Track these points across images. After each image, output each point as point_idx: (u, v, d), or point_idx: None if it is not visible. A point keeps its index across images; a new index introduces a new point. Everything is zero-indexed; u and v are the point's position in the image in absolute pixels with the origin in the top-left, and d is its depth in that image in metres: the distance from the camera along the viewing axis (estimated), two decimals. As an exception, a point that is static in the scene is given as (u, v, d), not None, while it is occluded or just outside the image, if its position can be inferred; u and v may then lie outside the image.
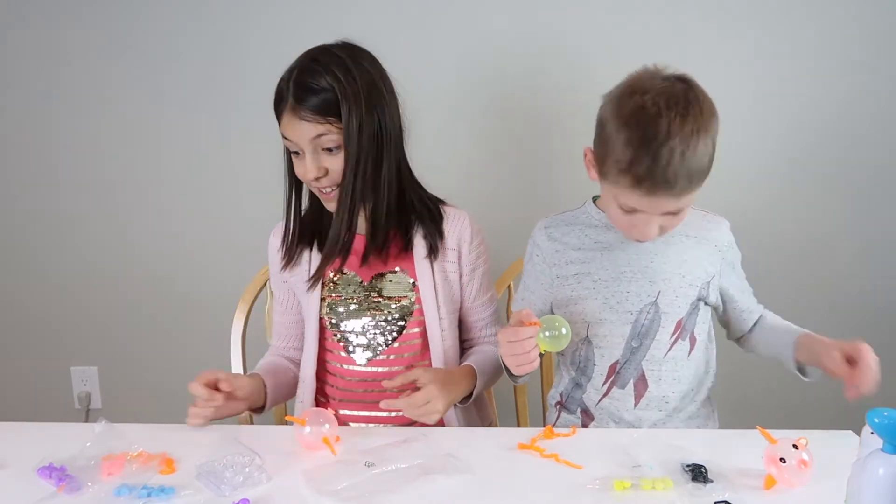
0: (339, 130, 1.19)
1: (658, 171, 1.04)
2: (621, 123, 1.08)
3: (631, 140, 1.06)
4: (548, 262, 1.27)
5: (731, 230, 1.28)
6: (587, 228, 1.26)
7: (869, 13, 1.75)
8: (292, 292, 1.38)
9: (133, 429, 1.12)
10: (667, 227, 1.15)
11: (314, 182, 1.23)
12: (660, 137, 1.04)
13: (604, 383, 1.24)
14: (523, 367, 1.11)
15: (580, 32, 1.77)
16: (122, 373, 2.07)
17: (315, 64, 1.20)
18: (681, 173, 1.05)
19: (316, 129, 1.19)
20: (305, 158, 1.21)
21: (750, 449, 1.02)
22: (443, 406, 1.16)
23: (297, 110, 1.18)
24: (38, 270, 2.01)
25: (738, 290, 1.28)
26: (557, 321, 1.10)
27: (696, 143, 1.05)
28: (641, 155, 1.05)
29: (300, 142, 1.20)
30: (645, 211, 1.10)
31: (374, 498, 0.96)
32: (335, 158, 1.21)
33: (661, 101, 1.06)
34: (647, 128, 1.05)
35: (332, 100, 1.18)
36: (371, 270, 1.31)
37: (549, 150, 1.85)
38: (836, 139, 1.83)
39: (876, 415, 0.75)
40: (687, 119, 1.05)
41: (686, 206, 1.12)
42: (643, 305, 1.20)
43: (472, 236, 1.34)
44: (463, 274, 1.34)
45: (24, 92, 1.91)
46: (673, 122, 1.05)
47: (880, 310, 1.91)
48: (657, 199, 1.08)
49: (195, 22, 1.84)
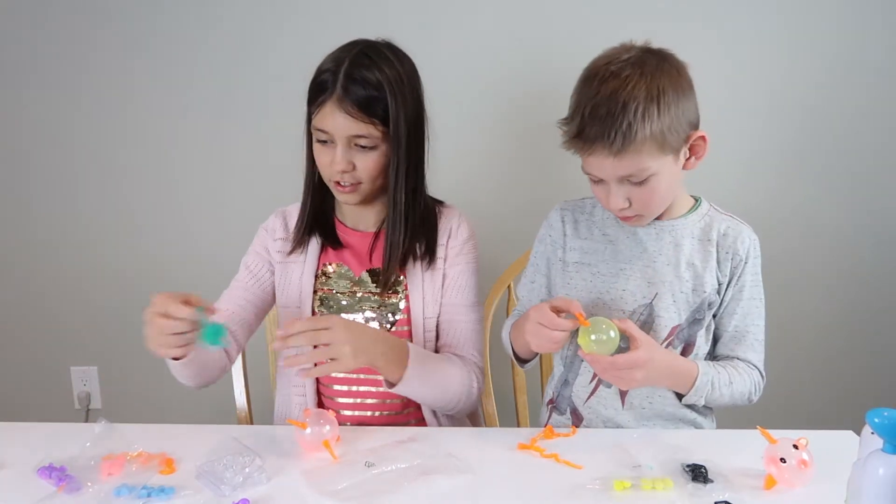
0: (380, 132, 1.18)
1: (595, 122, 1.05)
2: (575, 89, 1.12)
3: (575, 100, 1.10)
4: (557, 244, 1.27)
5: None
6: (598, 219, 1.25)
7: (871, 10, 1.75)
8: (268, 266, 1.34)
9: (133, 429, 1.12)
10: (638, 201, 1.11)
11: (338, 174, 1.21)
12: (602, 91, 1.06)
13: (591, 380, 1.23)
14: (544, 347, 1.12)
15: (585, 33, 1.77)
16: (122, 373, 2.07)
17: (366, 58, 1.17)
18: (616, 129, 1.04)
19: (358, 127, 1.17)
20: (336, 149, 1.19)
21: (750, 449, 1.02)
22: (345, 337, 1.06)
23: (344, 103, 1.15)
24: (38, 270, 2.01)
25: (730, 312, 1.20)
26: (605, 323, 1.07)
27: (645, 106, 1.05)
28: (580, 109, 1.08)
29: (336, 134, 1.18)
30: (597, 175, 1.11)
31: (374, 498, 0.96)
32: (366, 156, 1.20)
33: (616, 67, 1.08)
34: (591, 85, 1.08)
35: (380, 99, 1.17)
36: (362, 266, 1.31)
37: (551, 150, 1.85)
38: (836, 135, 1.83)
39: (876, 415, 0.75)
40: (638, 83, 1.06)
41: (644, 173, 1.08)
42: (637, 306, 1.19)
43: (458, 232, 1.32)
44: (448, 259, 1.31)
45: (27, 91, 1.91)
46: (622, 82, 1.06)
47: (881, 309, 1.91)
48: (599, 159, 1.08)
49: (209, 22, 1.84)
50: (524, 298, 1.33)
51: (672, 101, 1.07)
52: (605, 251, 1.22)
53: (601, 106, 1.05)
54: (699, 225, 1.21)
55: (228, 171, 1.92)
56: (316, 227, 1.32)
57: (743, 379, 1.18)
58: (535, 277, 1.31)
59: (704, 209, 1.23)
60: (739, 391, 1.17)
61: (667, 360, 1.14)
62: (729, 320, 1.21)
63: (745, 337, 1.21)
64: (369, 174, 1.21)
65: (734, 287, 1.20)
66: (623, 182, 1.10)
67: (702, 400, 1.16)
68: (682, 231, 1.20)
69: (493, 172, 1.88)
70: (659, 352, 1.12)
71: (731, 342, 1.21)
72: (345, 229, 1.34)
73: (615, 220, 1.23)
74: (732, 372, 1.17)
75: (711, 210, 1.24)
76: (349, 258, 1.32)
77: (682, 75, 1.11)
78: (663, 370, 1.13)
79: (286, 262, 1.33)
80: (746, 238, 1.20)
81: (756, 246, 1.22)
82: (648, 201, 1.13)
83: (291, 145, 1.28)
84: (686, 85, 1.11)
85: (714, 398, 1.16)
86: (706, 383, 1.14)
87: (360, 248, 1.32)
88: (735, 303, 1.20)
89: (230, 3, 1.82)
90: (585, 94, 1.09)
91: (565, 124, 1.11)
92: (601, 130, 1.05)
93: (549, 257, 1.29)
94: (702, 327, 1.20)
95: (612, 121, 1.04)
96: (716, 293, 1.19)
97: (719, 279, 1.20)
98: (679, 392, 1.18)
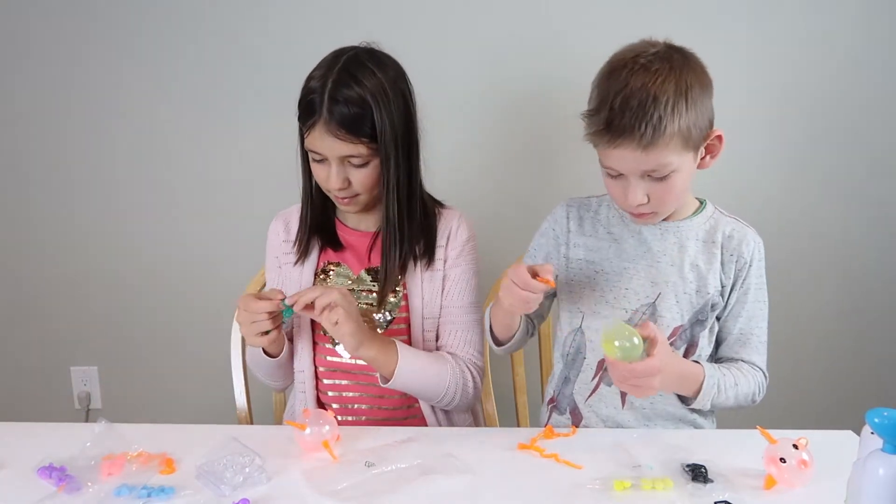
0: (370, 149, 1.19)
1: (625, 114, 1.04)
2: (598, 81, 1.10)
3: (600, 91, 1.08)
4: (560, 240, 1.26)
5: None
6: (603, 218, 1.25)
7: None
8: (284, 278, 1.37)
9: (133, 429, 1.12)
10: (656, 197, 1.11)
11: (335, 190, 1.23)
12: (632, 83, 1.05)
13: (592, 378, 1.23)
14: (515, 307, 1.09)
15: (588, 34, 1.77)
16: (122, 373, 2.07)
17: (347, 75, 1.17)
18: (647, 122, 1.03)
19: (348, 149, 1.18)
20: (330, 169, 1.21)
21: (750, 449, 1.02)
22: (347, 304, 1.15)
23: (331, 127, 1.16)
24: (38, 271, 2.01)
25: (734, 315, 1.21)
26: (628, 330, 1.01)
27: (675, 100, 1.05)
28: (608, 101, 1.06)
29: (328, 154, 1.20)
30: (618, 169, 1.09)
31: (374, 498, 0.96)
32: (360, 172, 1.21)
33: (644, 60, 1.07)
34: (619, 77, 1.06)
35: (365, 116, 1.17)
36: (361, 264, 1.32)
37: (551, 150, 1.85)
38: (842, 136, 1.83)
39: (876, 415, 0.75)
40: (668, 77, 1.05)
41: (666, 168, 1.08)
42: (640, 305, 1.19)
43: (458, 233, 1.33)
44: (448, 260, 1.32)
45: (27, 92, 1.91)
46: (652, 75, 1.05)
47: (881, 310, 1.91)
48: (625, 152, 1.06)
49: (206, 24, 1.83)
50: None
51: (698, 97, 1.07)
52: (610, 249, 1.22)
53: (632, 98, 1.04)
54: (704, 227, 1.21)
55: (228, 172, 1.92)
56: (317, 231, 1.33)
57: (748, 380, 1.18)
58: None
59: (709, 211, 1.23)
60: (744, 392, 1.17)
61: (676, 363, 1.13)
62: (734, 323, 1.21)
63: (750, 339, 1.20)
64: (365, 187, 1.23)
65: (739, 290, 1.20)
66: (644, 177, 1.09)
67: (708, 404, 1.14)
68: (686, 232, 1.20)
69: (492, 172, 1.87)
70: (668, 356, 1.09)
71: (736, 345, 1.21)
72: (345, 229, 1.35)
73: (620, 219, 1.23)
74: (737, 374, 1.17)
75: (716, 212, 1.24)
76: (349, 257, 1.33)
77: (705, 73, 1.12)
78: (674, 375, 1.11)
79: (290, 263, 1.35)
80: (751, 241, 1.20)
81: (760, 249, 1.22)
82: (666, 198, 1.12)
83: (290, 147, 1.28)
84: (708, 83, 1.12)
85: (720, 401, 1.15)
86: (712, 386, 1.13)
87: (360, 248, 1.33)
88: (740, 306, 1.20)
89: (227, 4, 1.82)
90: (613, 85, 1.07)
91: (590, 116, 1.09)
92: (632, 122, 1.04)
93: (549, 252, 1.28)
94: (705, 328, 1.20)
95: (643, 113, 1.03)
96: (719, 295, 1.19)
97: (723, 281, 1.20)
98: (684, 395, 1.17)
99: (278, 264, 1.37)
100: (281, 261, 1.37)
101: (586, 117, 1.10)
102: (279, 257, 1.37)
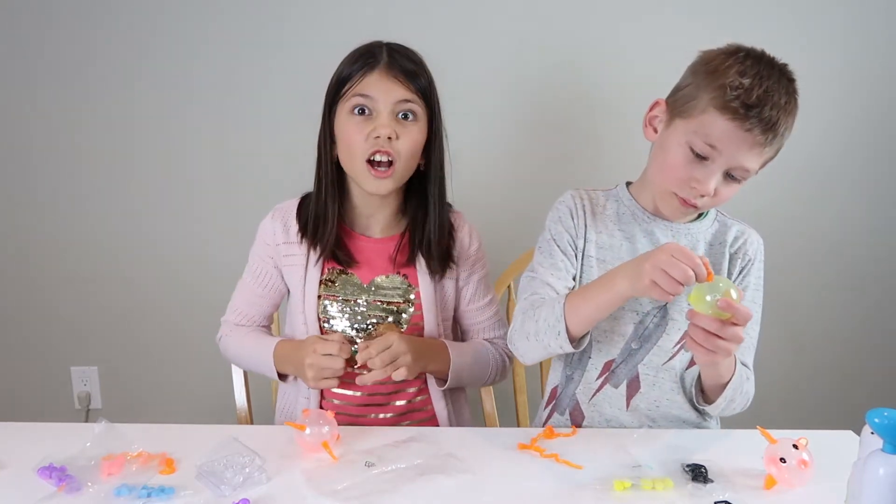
0: (422, 105, 1.22)
1: (772, 106, 1.02)
2: (735, 60, 1.06)
3: (746, 72, 1.04)
4: (577, 231, 1.21)
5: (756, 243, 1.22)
6: (611, 214, 1.22)
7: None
8: (276, 271, 1.34)
9: (133, 429, 1.12)
10: (718, 195, 1.09)
11: (380, 142, 1.19)
12: (772, 76, 1.04)
13: (597, 378, 1.22)
14: (669, 284, 0.95)
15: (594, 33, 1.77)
16: (122, 373, 2.07)
17: (403, 47, 1.24)
18: (778, 126, 1.03)
19: (406, 93, 1.20)
20: (380, 118, 1.20)
21: (750, 449, 1.02)
22: (406, 349, 1.17)
23: (393, 70, 1.20)
24: (38, 270, 2.01)
25: None
26: (723, 282, 0.95)
27: (793, 124, 1.06)
28: (757, 82, 1.03)
29: (383, 100, 1.19)
30: (721, 149, 1.05)
31: (374, 498, 0.96)
32: (407, 129, 1.22)
33: (769, 58, 1.08)
34: (759, 65, 1.05)
35: (421, 74, 1.22)
36: (372, 272, 1.30)
37: (553, 150, 1.85)
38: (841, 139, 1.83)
39: (876, 415, 0.75)
40: (791, 84, 1.07)
41: (748, 174, 1.08)
42: (651, 307, 1.18)
43: (469, 242, 1.34)
44: (459, 278, 1.34)
45: (33, 91, 1.90)
46: (794, 87, 1.07)
47: (881, 310, 1.91)
48: (745, 137, 1.03)
49: (216, 22, 1.83)
50: (554, 285, 1.17)
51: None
52: (622, 248, 1.20)
53: (777, 93, 1.03)
54: (711, 230, 1.22)
55: (232, 171, 1.92)
56: (324, 234, 1.28)
57: (750, 383, 1.17)
58: (557, 260, 1.19)
59: (713, 214, 1.23)
60: (748, 392, 1.17)
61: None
62: None
63: (744, 341, 1.20)
64: (407, 149, 1.21)
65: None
66: (728, 176, 1.08)
67: (723, 404, 1.12)
68: (696, 235, 1.20)
69: (493, 173, 1.87)
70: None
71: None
72: (352, 234, 1.32)
73: (631, 217, 1.21)
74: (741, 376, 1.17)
75: (719, 215, 1.24)
76: (359, 265, 1.30)
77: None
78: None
79: (292, 266, 1.31)
80: (755, 241, 1.22)
81: (762, 248, 1.22)
82: (722, 200, 1.12)
83: (298, 144, 1.27)
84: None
85: (734, 407, 1.15)
86: (739, 383, 1.11)
87: (370, 255, 1.30)
88: None
89: (238, 3, 1.82)
90: (764, 71, 1.04)
91: (735, 86, 1.03)
92: (776, 117, 1.03)
93: (568, 240, 1.21)
94: None
95: (786, 115, 1.04)
96: None
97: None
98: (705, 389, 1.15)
99: (273, 264, 1.34)
100: (280, 263, 1.33)
101: (728, 90, 1.03)
102: (274, 258, 1.33)
